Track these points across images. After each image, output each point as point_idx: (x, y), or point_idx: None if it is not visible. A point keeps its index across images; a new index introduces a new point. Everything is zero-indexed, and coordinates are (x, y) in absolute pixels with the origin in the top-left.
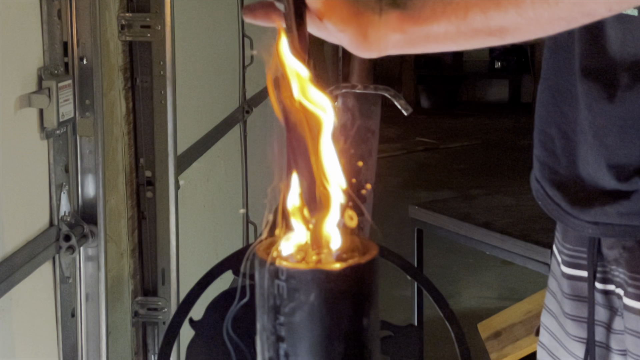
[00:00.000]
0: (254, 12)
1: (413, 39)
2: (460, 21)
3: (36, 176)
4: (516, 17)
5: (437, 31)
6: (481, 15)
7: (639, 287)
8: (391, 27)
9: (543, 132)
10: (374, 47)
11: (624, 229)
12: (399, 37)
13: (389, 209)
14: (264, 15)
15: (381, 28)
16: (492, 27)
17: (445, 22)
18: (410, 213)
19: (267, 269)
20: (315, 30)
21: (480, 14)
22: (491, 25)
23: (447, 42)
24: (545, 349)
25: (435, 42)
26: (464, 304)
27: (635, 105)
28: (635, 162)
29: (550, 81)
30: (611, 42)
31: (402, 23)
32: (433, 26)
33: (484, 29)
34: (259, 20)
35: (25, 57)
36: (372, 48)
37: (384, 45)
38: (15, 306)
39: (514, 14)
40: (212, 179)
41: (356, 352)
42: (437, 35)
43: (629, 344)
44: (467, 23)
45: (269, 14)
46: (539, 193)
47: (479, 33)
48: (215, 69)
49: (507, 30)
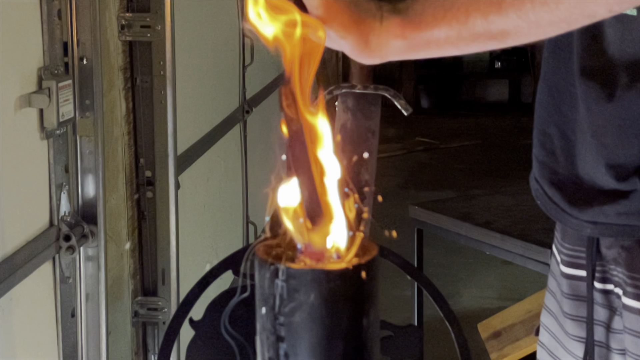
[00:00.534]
0: None
1: (414, 45)
2: (461, 26)
3: (36, 176)
4: (517, 20)
5: (438, 36)
6: (482, 20)
7: (637, 287)
8: (392, 33)
9: (542, 132)
10: (376, 54)
11: (622, 229)
12: (400, 43)
13: (389, 209)
14: None
15: (382, 34)
16: (493, 31)
17: (446, 27)
18: (410, 213)
19: (267, 269)
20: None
21: (481, 18)
22: (492, 29)
23: (448, 46)
24: (545, 349)
25: (437, 47)
26: (464, 304)
27: (633, 105)
28: (634, 162)
29: (550, 81)
30: (610, 42)
31: (404, 29)
32: (434, 31)
33: (485, 33)
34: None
35: (25, 57)
36: (373, 54)
37: (386, 51)
38: (15, 306)
39: (514, 18)
40: (212, 179)
41: (356, 352)
42: (438, 40)
43: (628, 344)
44: (468, 27)
45: None
46: (538, 193)
47: (480, 37)
48: (215, 69)
49: (508, 34)
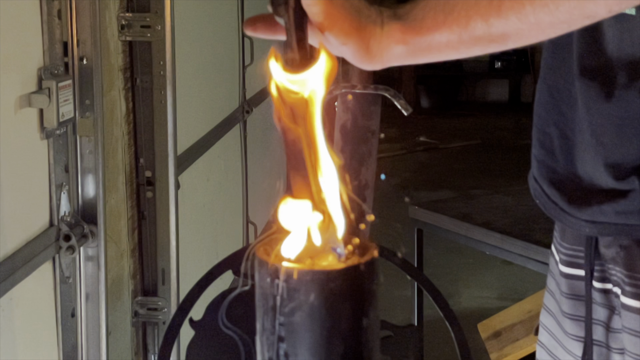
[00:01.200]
0: (255, 26)
1: (415, 50)
2: (462, 30)
3: (36, 176)
4: (517, 22)
5: (439, 41)
6: (482, 23)
7: (636, 286)
8: (394, 39)
9: (542, 132)
10: (377, 60)
11: (620, 228)
12: (401, 49)
13: (389, 209)
14: (265, 29)
15: (383, 40)
16: (494, 34)
17: (447, 31)
18: (410, 213)
19: (267, 269)
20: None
21: (481, 21)
22: (493, 32)
23: (449, 51)
24: (545, 348)
25: (438, 51)
26: (464, 304)
27: (632, 104)
28: (632, 161)
29: (549, 81)
30: (609, 42)
31: (405, 34)
32: (435, 36)
33: (486, 36)
34: (260, 34)
35: (25, 57)
36: (375, 60)
37: (387, 57)
38: (15, 306)
39: (515, 20)
40: (212, 179)
41: (356, 352)
42: (439, 44)
43: (627, 343)
44: (469, 31)
45: (270, 27)
46: (537, 192)
47: (480, 40)
48: (215, 69)
49: (509, 36)
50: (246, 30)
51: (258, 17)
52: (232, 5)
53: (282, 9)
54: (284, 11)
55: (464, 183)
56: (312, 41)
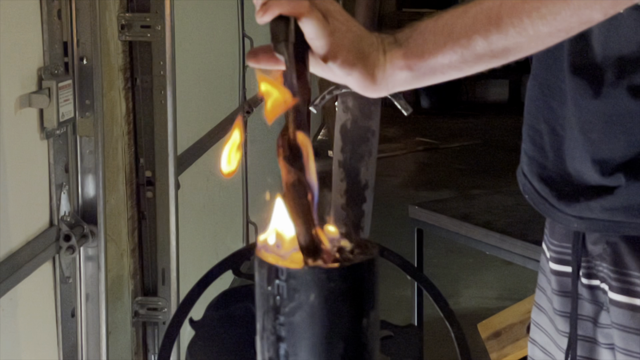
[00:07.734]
0: (257, 57)
1: (419, 75)
2: (463, 49)
3: (36, 176)
4: (517, 36)
5: (442, 63)
6: (483, 41)
7: (623, 282)
8: (397, 66)
9: (532, 128)
10: (382, 87)
11: (607, 224)
12: (405, 75)
13: (389, 209)
14: (267, 60)
15: (387, 68)
16: (495, 50)
17: (449, 52)
18: (410, 213)
19: (267, 269)
20: (320, 71)
21: (481, 39)
22: (494, 49)
23: (453, 71)
24: (538, 346)
25: (441, 73)
26: (464, 304)
27: (619, 101)
28: (619, 158)
29: (540, 78)
30: (597, 39)
31: (408, 60)
32: (438, 58)
33: (488, 53)
34: (262, 65)
35: (25, 57)
36: (380, 88)
37: (392, 84)
38: (15, 306)
39: (514, 35)
40: (212, 179)
41: (356, 352)
42: (442, 66)
43: (616, 338)
44: (471, 50)
45: (272, 58)
46: (526, 187)
47: (483, 57)
48: (215, 69)
49: (510, 50)
50: (248, 62)
51: (260, 49)
52: (232, 6)
53: (281, 46)
54: (283, 48)
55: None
56: (315, 70)
